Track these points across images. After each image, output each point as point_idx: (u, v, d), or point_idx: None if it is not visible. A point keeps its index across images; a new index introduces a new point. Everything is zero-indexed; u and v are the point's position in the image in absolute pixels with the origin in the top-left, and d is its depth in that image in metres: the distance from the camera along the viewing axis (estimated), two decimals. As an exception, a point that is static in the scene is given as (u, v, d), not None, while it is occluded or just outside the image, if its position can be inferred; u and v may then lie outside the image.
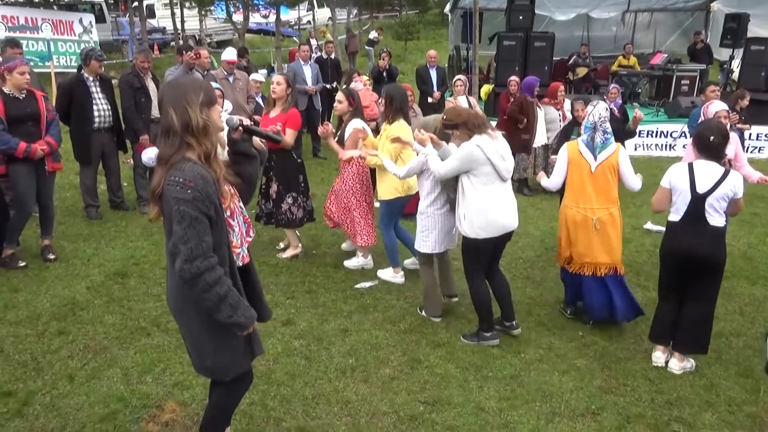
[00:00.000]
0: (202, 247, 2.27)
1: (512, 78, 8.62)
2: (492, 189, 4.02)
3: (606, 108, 4.30)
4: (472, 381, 3.83)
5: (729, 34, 12.16)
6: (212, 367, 2.60)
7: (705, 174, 3.78)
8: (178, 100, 2.30)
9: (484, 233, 4.03)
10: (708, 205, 3.76)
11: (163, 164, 2.32)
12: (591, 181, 4.29)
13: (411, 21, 25.79)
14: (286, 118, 5.25)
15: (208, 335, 2.51)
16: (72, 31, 12.54)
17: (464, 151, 3.97)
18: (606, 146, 4.25)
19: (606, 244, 4.32)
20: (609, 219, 4.31)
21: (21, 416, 3.37)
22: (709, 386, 3.84)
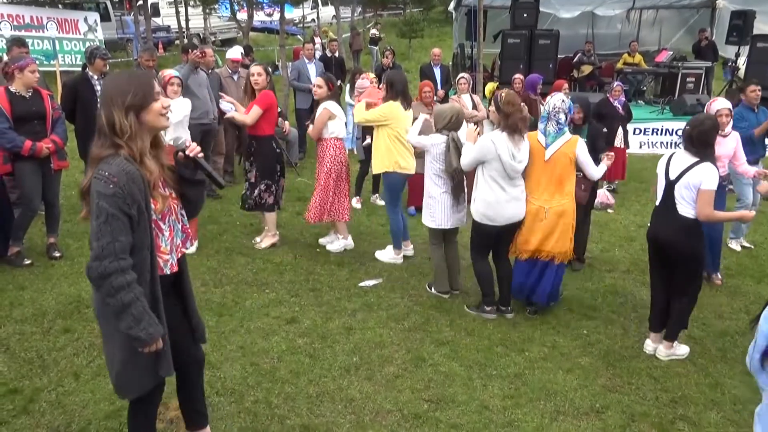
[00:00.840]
0: (115, 246, 2.19)
1: (516, 76, 8.60)
2: (500, 184, 4.32)
3: (562, 99, 4.33)
4: (476, 379, 3.83)
5: (735, 31, 12.10)
6: (115, 382, 2.49)
7: (678, 162, 3.91)
8: (105, 101, 2.31)
9: (488, 220, 4.40)
10: (677, 192, 3.86)
11: (93, 162, 2.29)
12: (544, 171, 4.35)
13: (415, 19, 25.77)
14: (256, 99, 5.47)
15: (118, 344, 2.39)
16: (77, 30, 12.56)
17: (479, 144, 4.35)
18: (558, 136, 4.30)
19: (550, 233, 4.39)
20: (561, 210, 4.37)
21: (27, 413, 3.39)
22: (714, 385, 3.84)
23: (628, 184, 8.41)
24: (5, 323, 4.36)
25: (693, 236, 3.90)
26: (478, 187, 4.41)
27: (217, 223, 6.51)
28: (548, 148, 4.32)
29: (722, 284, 5.31)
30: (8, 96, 4.92)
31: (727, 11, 13.41)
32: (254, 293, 4.95)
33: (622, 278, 5.46)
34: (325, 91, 5.58)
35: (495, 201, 4.32)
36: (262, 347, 4.13)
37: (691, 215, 3.85)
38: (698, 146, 3.85)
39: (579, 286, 5.25)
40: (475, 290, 4.90)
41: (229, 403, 3.52)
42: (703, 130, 3.83)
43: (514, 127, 4.25)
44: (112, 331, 2.40)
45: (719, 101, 5.08)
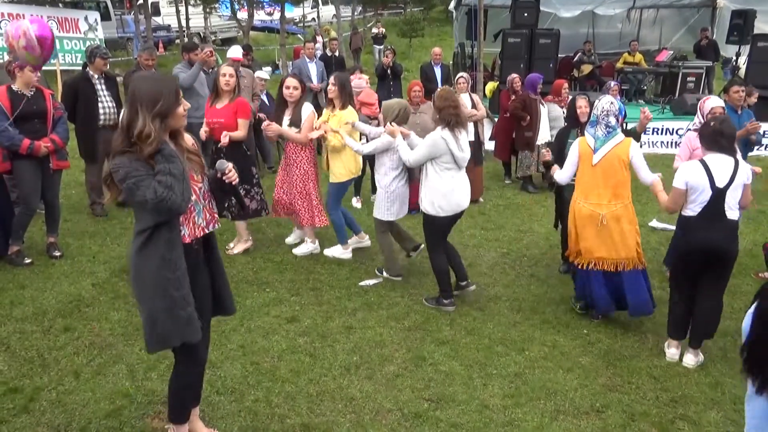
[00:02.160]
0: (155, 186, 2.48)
1: (514, 75, 8.58)
2: (451, 174, 4.58)
3: (611, 102, 4.27)
4: (476, 378, 3.83)
5: (735, 31, 12.10)
6: (162, 332, 2.65)
7: (720, 167, 3.79)
8: (134, 104, 2.48)
9: (443, 212, 4.59)
10: (729, 198, 3.79)
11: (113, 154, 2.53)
12: (594, 175, 4.29)
13: (415, 18, 25.79)
14: (236, 107, 5.37)
15: (159, 295, 2.62)
16: (77, 29, 12.55)
17: (430, 141, 4.54)
18: (608, 139, 4.24)
19: (613, 240, 4.30)
20: (617, 214, 4.28)
21: (27, 412, 3.39)
22: (714, 384, 3.83)
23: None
24: (6, 322, 4.36)
25: (737, 236, 3.90)
26: (429, 183, 4.59)
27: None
28: (597, 152, 4.24)
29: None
30: (9, 94, 4.93)
31: (728, 10, 13.42)
32: (255, 292, 4.95)
33: (622, 278, 5.46)
34: (300, 92, 5.49)
35: (449, 190, 4.56)
36: (263, 346, 4.13)
37: (736, 218, 3.83)
38: (730, 143, 3.84)
39: (579, 286, 5.25)
40: (424, 282, 4.92)
41: (230, 402, 3.52)
42: (730, 125, 3.85)
43: (447, 120, 4.51)
44: (149, 290, 2.63)
45: (713, 99, 5.04)
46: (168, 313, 2.63)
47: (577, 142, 4.45)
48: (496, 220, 7.03)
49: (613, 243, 4.31)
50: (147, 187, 2.45)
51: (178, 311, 2.64)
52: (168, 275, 2.61)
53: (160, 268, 2.60)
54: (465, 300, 4.92)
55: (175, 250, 2.64)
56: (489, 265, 5.68)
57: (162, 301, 2.61)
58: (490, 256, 5.90)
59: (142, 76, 2.63)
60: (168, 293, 2.61)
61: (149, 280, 2.61)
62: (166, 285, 2.61)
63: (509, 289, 5.15)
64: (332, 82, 5.52)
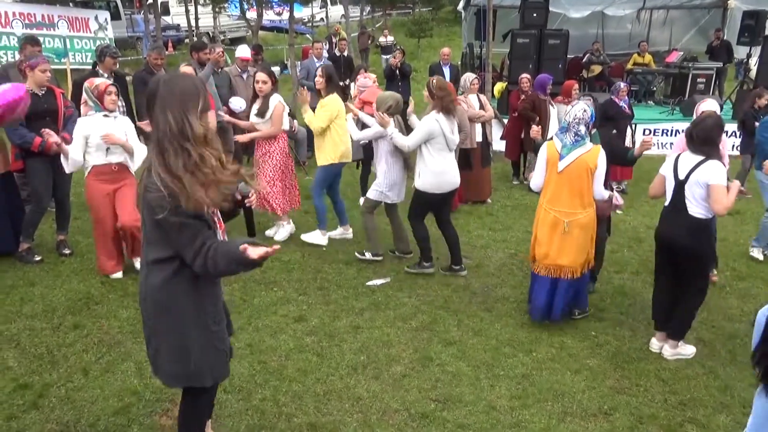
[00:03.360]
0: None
1: (523, 75, 8.56)
2: (443, 155, 5.03)
3: (583, 109, 4.16)
4: (483, 379, 3.82)
5: (746, 32, 11.98)
6: (195, 369, 2.45)
7: (684, 161, 3.91)
8: (174, 106, 2.18)
9: (434, 189, 5.05)
10: (687, 192, 3.85)
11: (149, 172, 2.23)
12: (560, 182, 4.23)
13: (424, 18, 25.76)
14: None
15: (196, 333, 2.41)
16: (87, 28, 12.64)
17: (426, 124, 4.95)
18: (575, 147, 4.15)
19: (571, 247, 4.28)
20: (582, 222, 4.25)
21: (37, 408, 3.42)
22: (723, 388, 3.81)
23: (638, 185, 8.36)
24: (16, 319, 4.40)
25: (703, 236, 3.90)
26: (425, 162, 5.01)
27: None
28: (562, 159, 4.18)
29: (716, 282, 5.30)
30: (21, 93, 4.97)
31: (739, 11, 13.31)
32: (262, 291, 4.97)
33: (630, 279, 5.43)
34: (270, 85, 5.63)
35: (442, 171, 5.02)
36: (270, 345, 4.14)
37: (701, 215, 3.84)
38: (699, 144, 3.85)
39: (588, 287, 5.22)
40: (431, 283, 4.88)
41: (237, 400, 3.53)
42: (704, 127, 3.85)
43: (447, 108, 4.99)
44: (183, 323, 2.39)
45: (707, 102, 4.96)
46: (205, 349, 2.44)
47: (545, 146, 4.34)
48: (503, 221, 7.01)
49: (568, 250, 4.28)
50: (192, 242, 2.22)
51: (218, 345, 2.48)
52: (208, 308, 2.43)
53: (197, 300, 2.39)
54: (472, 301, 4.92)
55: (214, 283, 2.47)
56: (497, 266, 5.67)
57: (200, 336, 2.42)
58: (498, 257, 5.89)
59: (169, 78, 2.30)
60: (208, 327, 2.43)
61: (182, 314, 2.37)
62: (206, 319, 2.42)
63: (517, 290, 5.14)
64: (320, 74, 5.73)
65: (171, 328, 2.41)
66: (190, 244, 2.22)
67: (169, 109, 2.18)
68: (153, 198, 2.16)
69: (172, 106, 2.18)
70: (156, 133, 2.22)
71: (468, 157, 7.29)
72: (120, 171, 4.85)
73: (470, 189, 7.50)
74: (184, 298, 2.37)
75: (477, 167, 7.41)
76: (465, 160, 7.30)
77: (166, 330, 2.42)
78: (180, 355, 2.43)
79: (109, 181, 4.83)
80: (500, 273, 5.51)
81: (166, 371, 2.50)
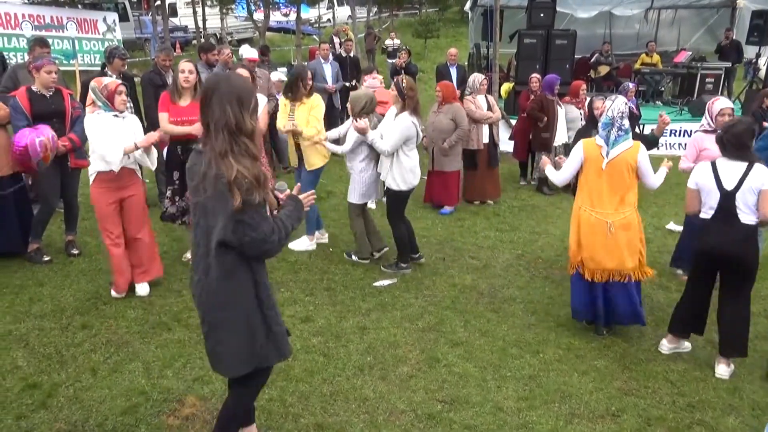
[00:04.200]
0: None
1: (533, 75, 8.55)
2: (414, 153, 5.25)
3: (624, 103, 4.08)
4: (490, 380, 3.82)
5: (755, 32, 11.91)
6: (261, 351, 2.62)
7: (729, 170, 3.75)
8: (231, 101, 2.37)
9: (408, 186, 5.24)
10: (738, 201, 3.70)
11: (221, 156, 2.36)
12: (603, 180, 4.10)
13: (431, 19, 25.74)
14: None
15: (260, 320, 2.59)
16: (96, 30, 12.71)
17: (403, 126, 5.09)
18: (619, 142, 4.04)
19: (619, 250, 4.13)
20: (626, 222, 4.12)
21: (45, 408, 3.44)
22: (732, 389, 3.78)
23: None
24: (25, 319, 4.43)
25: (755, 244, 3.79)
26: (400, 163, 5.15)
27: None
28: (608, 155, 4.05)
29: None
30: (29, 95, 5.01)
31: (748, 11, 13.21)
32: (269, 292, 4.97)
33: (638, 281, 5.40)
34: (196, 77, 5.25)
35: (413, 166, 5.22)
36: (277, 346, 4.14)
37: (752, 221, 3.73)
38: (734, 150, 3.73)
39: (595, 288, 5.21)
40: (437, 283, 4.86)
41: (244, 400, 3.54)
42: (735, 133, 3.73)
43: (416, 109, 5.18)
44: (245, 311, 2.56)
45: (721, 100, 4.92)
46: (267, 332, 2.62)
47: (582, 144, 4.22)
48: (510, 221, 7.00)
49: (620, 253, 4.13)
50: (265, 219, 2.40)
51: (276, 327, 2.65)
52: (263, 297, 2.60)
53: (255, 291, 2.56)
54: (479, 302, 4.91)
55: (265, 271, 2.63)
56: (503, 266, 5.65)
57: (260, 321, 2.60)
58: (505, 257, 5.87)
59: (229, 76, 2.53)
60: (264, 313, 2.60)
61: (244, 302, 2.54)
62: (261, 306, 2.60)
63: (524, 291, 5.13)
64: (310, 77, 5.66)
65: (234, 317, 2.55)
66: (266, 220, 2.41)
67: (228, 103, 2.37)
68: (240, 184, 2.30)
69: (231, 101, 2.37)
70: (212, 123, 2.39)
71: (474, 158, 7.30)
72: (128, 175, 4.60)
73: (475, 189, 7.50)
74: (245, 287, 2.53)
75: (482, 168, 7.41)
76: (471, 161, 7.31)
77: (229, 320, 2.56)
78: (245, 340, 2.58)
79: (116, 188, 4.55)
80: (507, 274, 5.49)
81: (229, 361, 2.62)
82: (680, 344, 4.18)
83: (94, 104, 4.49)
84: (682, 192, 4.50)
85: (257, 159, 2.41)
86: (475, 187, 7.50)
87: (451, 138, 6.75)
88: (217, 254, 2.44)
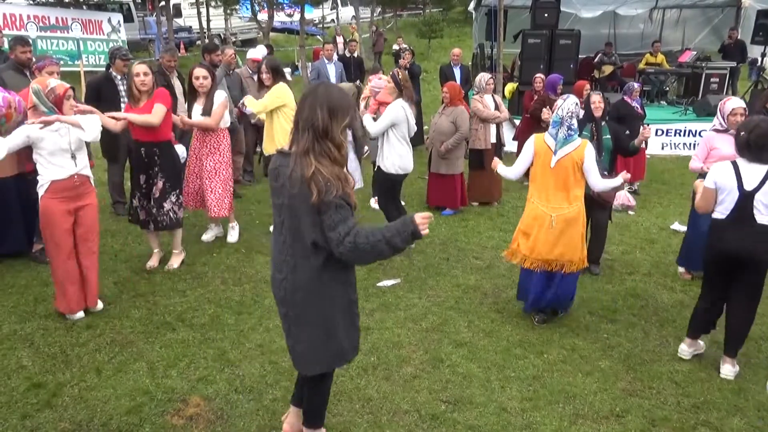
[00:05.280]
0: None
1: (537, 75, 8.54)
2: (405, 141, 5.53)
3: (575, 103, 4.19)
4: (494, 381, 3.81)
5: (761, 31, 11.87)
6: (339, 349, 2.70)
7: (750, 170, 3.70)
8: (327, 109, 2.44)
9: (401, 171, 5.56)
10: (757, 202, 3.67)
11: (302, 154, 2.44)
12: (550, 176, 4.22)
13: (435, 19, 25.75)
14: (154, 97, 4.90)
15: (340, 314, 2.67)
16: (101, 31, 12.78)
17: (394, 111, 5.40)
18: (568, 142, 4.15)
19: (558, 242, 4.25)
20: (569, 217, 4.22)
21: (50, 407, 3.45)
22: (737, 390, 3.77)
23: (650, 185, 8.31)
24: (30, 318, 4.45)
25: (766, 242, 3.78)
26: (391, 146, 5.47)
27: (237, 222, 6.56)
28: (556, 153, 4.17)
29: None
30: (33, 95, 5.01)
31: (753, 10, 13.17)
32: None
33: (642, 281, 5.39)
34: (210, 81, 5.44)
35: (406, 153, 5.52)
36: (281, 345, 4.15)
37: (767, 221, 3.71)
38: (758, 150, 3.68)
39: (599, 289, 5.20)
40: (442, 284, 4.85)
41: (248, 401, 3.55)
42: (761, 134, 3.64)
43: (411, 97, 5.54)
44: (331, 309, 2.64)
45: (733, 100, 4.91)
46: (347, 329, 2.71)
47: (533, 140, 4.34)
48: (514, 222, 6.94)
49: (555, 244, 4.26)
50: (343, 222, 2.43)
51: (356, 323, 2.77)
52: (349, 292, 2.70)
53: (341, 286, 2.65)
54: (483, 302, 4.91)
55: (352, 271, 2.72)
56: (507, 267, 5.64)
57: (344, 318, 2.69)
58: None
59: (336, 87, 2.60)
60: (350, 311, 2.71)
61: (331, 300, 2.63)
62: (351, 305, 2.71)
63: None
64: (264, 70, 5.76)
65: (320, 314, 2.63)
66: (344, 221, 2.42)
67: (319, 107, 2.44)
68: (318, 182, 2.37)
69: (322, 106, 2.44)
70: (301, 121, 2.47)
71: (481, 158, 7.26)
72: (82, 184, 4.21)
73: (481, 190, 7.48)
74: (332, 285, 2.61)
75: (489, 168, 7.37)
76: (478, 161, 7.28)
77: (315, 318, 2.64)
78: (327, 338, 2.66)
79: (71, 198, 4.16)
80: (511, 274, 5.48)
81: (309, 358, 2.71)
82: (697, 346, 4.15)
83: (36, 109, 4.00)
84: (686, 192, 4.51)
85: (339, 164, 2.47)
86: (480, 187, 7.47)
87: (449, 141, 6.69)
88: (307, 254, 2.52)
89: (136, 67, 4.87)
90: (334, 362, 2.77)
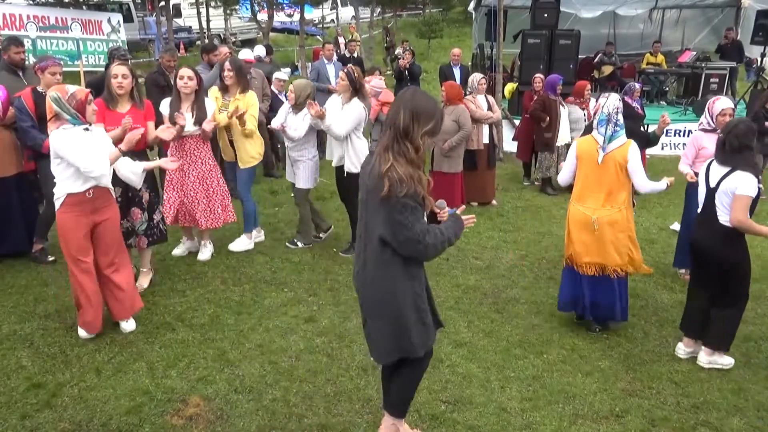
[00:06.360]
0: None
1: (537, 75, 8.54)
2: (363, 138, 5.46)
3: (618, 99, 4.19)
4: (494, 381, 3.81)
5: (760, 31, 11.86)
6: (416, 342, 2.78)
7: (716, 169, 3.85)
8: (412, 113, 2.54)
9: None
10: (717, 200, 3.79)
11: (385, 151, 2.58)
12: (597, 175, 4.17)
13: (434, 19, 25.73)
14: (145, 113, 4.78)
15: (410, 307, 2.74)
16: (101, 31, 12.78)
17: (357, 112, 5.29)
18: (615, 138, 4.11)
19: (602, 246, 4.19)
20: (612, 219, 4.17)
21: (50, 407, 3.45)
22: (737, 390, 3.77)
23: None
24: (29, 319, 4.45)
25: (734, 244, 3.80)
26: (354, 146, 5.33)
27: (237, 222, 6.55)
28: (604, 150, 4.10)
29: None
30: (34, 96, 5.02)
31: (753, 10, 13.17)
32: (273, 292, 4.98)
33: (642, 281, 5.39)
34: (196, 83, 5.12)
35: (365, 149, 5.35)
36: (281, 346, 4.15)
37: (728, 223, 3.76)
38: (732, 152, 3.74)
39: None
40: (441, 283, 4.86)
41: (248, 401, 3.55)
42: (738, 133, 3.72)
43: (365, 96, 5.44)
44: (401, 304, 2.73)
45: (722, 100, 4.92)
46: (420, 324, 2.78)
47: (576, 143, 4.33)
48: (514, 222, 6.99)
49: (604, 249, 4.20)
50: (419, 221, 2.54)
51: (427, 320, 2.82)
52: (418, 290, 2.76)
53: (412, 282, 2.72)
54: (483, 302, 4.91)
55: (421, 267, 2.78)
56: (507, 267, 5.65)
57: (414, 314, 2.75)
58: (508, 258, 5.87)
59: (424, 94, 2.68)
60: (417, 305, 2.76)
61: (400, 296, 2.70)
62: (416, 299, 2.75)
63: (527, 292, 5.12)
64: (228, 68, 5.41)
65: (391, 309, 2.74)
66: (419, 221, 2.56)
67: (404, 109, 2.57)
68: (392, 177, 2.49)
69: (407, 108, 2.56)
70: (387, 120, 2.62)
71: (474, 158, 7.27)
72: (102, 196, 3.99)
73: (475, 190, 7.48)
74: (401, 281, 2.70)
75: (482, 168, 7.39)
76: (470, 161, 7.28)
77: (387, 312, 2.75)
78: (399, 333, 2.76)
79: (89, 212, 3.94)
80: (511, 274, 5.49)
81: (382, 349, 2.85)
82: (696, 348, 4.12)
83: (58, 118, 3.78)
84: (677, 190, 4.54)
85: (415, 165, 2.55)
86: (474, 187, 7.47)
87: (453, 139, 6.72)
88: (376, 249, 2.64)
89: (116, 69, 4.64)
90: (401, 353, 2.84)
